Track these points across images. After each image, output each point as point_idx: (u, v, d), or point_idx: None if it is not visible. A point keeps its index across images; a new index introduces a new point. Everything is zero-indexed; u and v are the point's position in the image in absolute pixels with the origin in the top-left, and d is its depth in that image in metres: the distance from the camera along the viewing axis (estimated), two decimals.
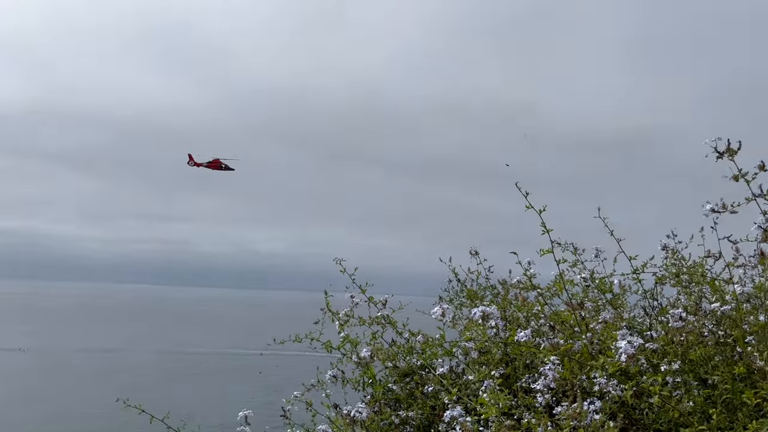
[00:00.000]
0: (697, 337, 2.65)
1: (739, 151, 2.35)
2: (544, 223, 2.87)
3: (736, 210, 2.32)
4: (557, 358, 2.50)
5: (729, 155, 2.34)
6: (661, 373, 2.40)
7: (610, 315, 3.26)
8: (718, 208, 2.36)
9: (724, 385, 2.32)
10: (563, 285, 2.94)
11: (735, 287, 2.80)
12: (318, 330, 3.77)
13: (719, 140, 2.36)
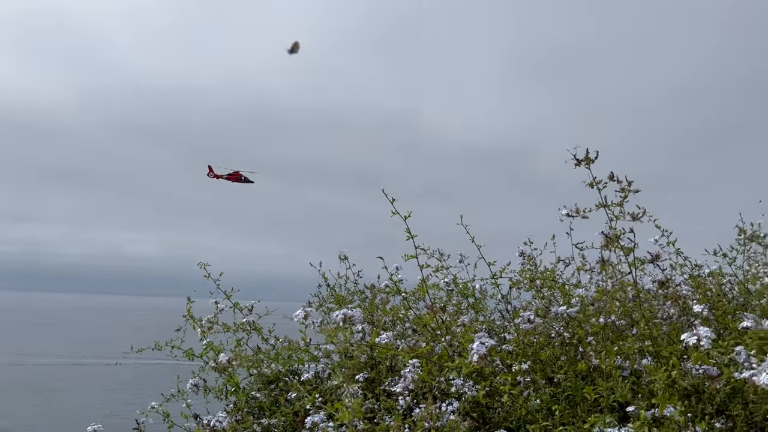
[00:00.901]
0: (546, 339, 2.82)
1: (595, 160, 2.54)
2: (408, 229, 2.94)
3: (587, 215, 2.50)
4: (418, 360, 2.56)
5: (586, 163, 2.52)
6: (512, 373, 2.53)
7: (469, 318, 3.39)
8: (572, 213, 2.53)
9: (566, 382, 2.48)
10: (426, 289, 3.02)
11: (581, 291, 3.02)
12: (179, 337, 3.61)
13: (578, 149, 2.54)
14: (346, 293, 3.73)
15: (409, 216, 2.96)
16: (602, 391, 2.31)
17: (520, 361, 2.63)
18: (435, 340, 2.93)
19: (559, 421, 2.42)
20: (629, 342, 2.35)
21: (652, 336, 2.31)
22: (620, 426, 2.24)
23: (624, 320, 2.64)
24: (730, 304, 3.37)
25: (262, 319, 3.59)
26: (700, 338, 1.91)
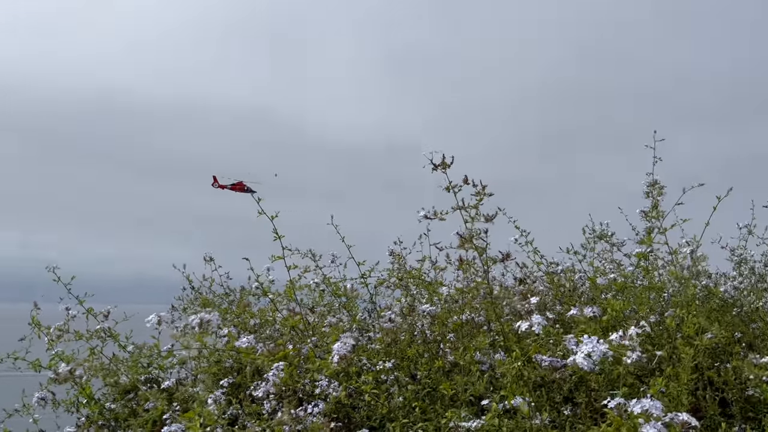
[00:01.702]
0: (410, 336, 2.89)
1: (451, 165, 2.63)
2: (275, 230, 2.89)
3: (444, 218, 2.58)
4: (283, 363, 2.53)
5: (443, 168, 2.60)
6: (374, 372, 2.56)
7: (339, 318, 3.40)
8: (429, 215, 2.61)
9: (426, 379, 2.55)
10: (293, 291, 2.99)
11: (444, 289, 3.13)
12: (24, 348, 3.31)
13: (436, 153, 2.61)
14: (213, 296, 3.62)
15: (276, 216, 2.92)
16: (458, 387, 2.40)
17: (383, 359, 2.67)
18: (302, 341, 2.91)
19: (420, 417, 2.48)
20: (480, 338, 2.45)
21: (503, 331, 2.44)
22: (475, 419, 2.34)
23: (482, 317, 2.76)
24: (581, 298, 3.63)
25: (120, 324, 3.39)
26: (532, 325, 2.03)
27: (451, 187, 2.46)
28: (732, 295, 3.54)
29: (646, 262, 3.43)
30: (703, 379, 2.91)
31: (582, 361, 1.98)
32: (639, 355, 2.07)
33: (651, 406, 1.83)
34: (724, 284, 3.64)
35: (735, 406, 2.83)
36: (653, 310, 3.34)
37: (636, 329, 2.03)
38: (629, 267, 3.79)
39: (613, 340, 2.06)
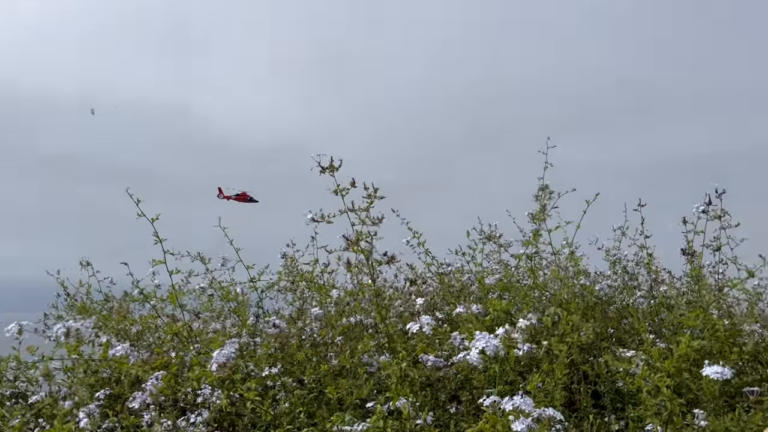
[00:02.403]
0: (299, 340, 2.85)
1: (339, 168, 2.61)
2: (156, 233, 2.77)
3: (332, 221, 2.57)
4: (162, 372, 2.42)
5: (330, 171, 2.58)
6: (260, 378, 2.51)
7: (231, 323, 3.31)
8: (317, 217, 2.58)
9: (311, 384, 2.52)
10: (176, 296, 2.87)
11: (334, 292, 3.11)
12: None
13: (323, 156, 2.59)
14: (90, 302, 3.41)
15: (156, 218, 2.79)
16: (343, 390, 2.40)
17: (269, 365, 2.62)
18: (185, 349, 2.80)
19: (305, 422, 2.46)
20: (365, 340, 2.46)
21: (388, 333, 2.46)
22: (360, 422, 2.34)
23: (372, 319, 2.77)
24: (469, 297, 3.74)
25: None
26: (422, 326, 2.06)
27: (339, 190, 2.45)
28: (606, 293, 3.77)
29: (531, 262, 3.59)
30: (578, 373, 3.07)
31: (475, 356, 2.03)
32: (529, 346, 2.15)
33: (521, 403, 1.91)
34: (600, 283, 3.86)
35: (606, 398, 3.01)
36: (536, 308, 3.50)
37: (525, 321, 2.11)
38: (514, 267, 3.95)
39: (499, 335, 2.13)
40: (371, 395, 2.38)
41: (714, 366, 2.13)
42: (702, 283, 3.08)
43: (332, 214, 2.50)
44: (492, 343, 1.93)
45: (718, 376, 2.10)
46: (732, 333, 3.27)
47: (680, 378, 2.39)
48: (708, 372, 2.13)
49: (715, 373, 2.11)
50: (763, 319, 3.72)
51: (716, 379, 2.11)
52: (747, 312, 3.63)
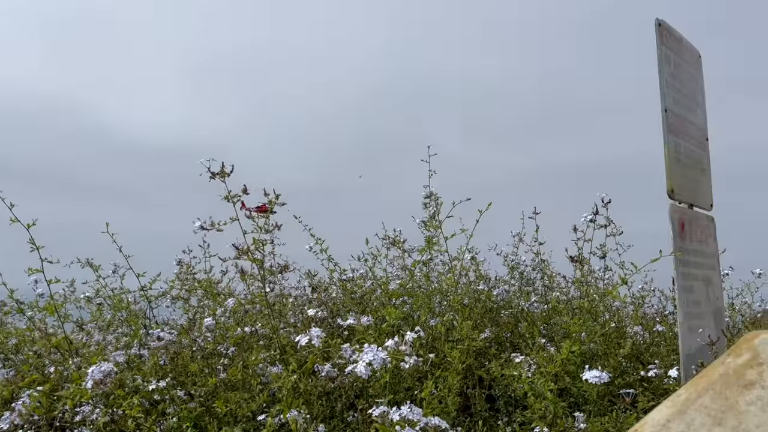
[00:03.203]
0: (191, 352, 2.74)
1: (231, 173, 2.53)
2: (32, 239, 2.58)
3: (222, 228, 2.48)
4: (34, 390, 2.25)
5: (221, 177, 2.50)
6: (145, 392, 2.39)
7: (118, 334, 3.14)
8: (206, 225, 2.49)
9: (199, 397, 2.43)
10: (54, 307, 2.69)
11: (230, 301, 3.02)
12: None
13: (213, 161, 2.50)
14: None
15: (33, 224, 2.61)
16: (232, 403, 2.32)
17: (157, 378, 2.50)
18: (65, 363, 2.63)
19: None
20: (254, 352, 2.40)
21: (280, 345, 2.41)
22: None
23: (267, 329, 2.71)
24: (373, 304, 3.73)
25: None
26: (312, 338, 2.03)
27: (230, 196, 2.37)
28: (503, 298, 3.88)
29: (426, 268, 3.64)
30: (473, 378, 3.14)
31: (362, 369, 2.02)
32: (416, 359, 2.16)
33: (409, 413, 1.92)
34: (497, 288, 3.97)
35: (500, 401, 3.09)
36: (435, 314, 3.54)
37: (412, 334, 2.11)
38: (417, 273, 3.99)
39: (389, 346, 2.13)
40: (261, 408, 2.32)
41: (593, 371, 2.23)
42: (584, 289, 3.22)
43: (222, 221, 2.42)
44: (379, 356, 1.92)
45: (596, 380, 2.20)
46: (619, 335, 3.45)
47: (563, 382, 2.48)
48: (587, 376, 2.23)
49: (594, 377, 2.21)
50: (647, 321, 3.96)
51: (594, 383, 2.21)
52: (632, 315, 3.84)
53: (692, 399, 0.91)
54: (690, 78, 2.59)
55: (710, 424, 0.87)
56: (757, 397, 0.87)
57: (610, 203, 3.17)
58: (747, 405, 0.86)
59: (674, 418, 0.91)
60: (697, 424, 0.88)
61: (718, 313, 2.52)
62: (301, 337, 2.03)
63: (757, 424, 0.84)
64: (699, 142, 2.59)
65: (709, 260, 2.51)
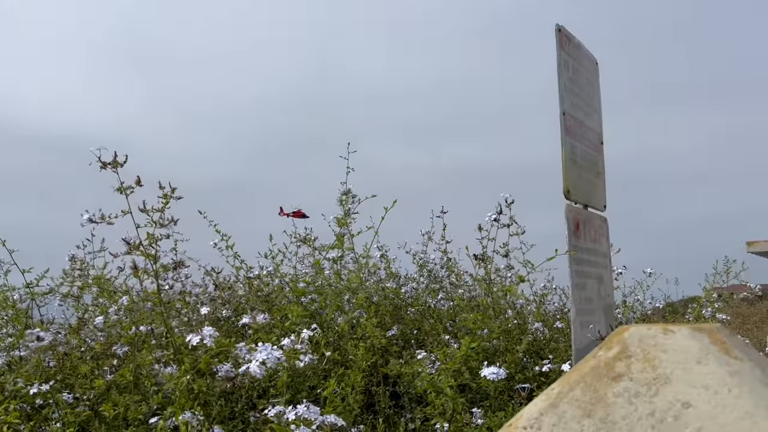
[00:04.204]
0: (79, 353, 2.58)
1: (124, 163, 2.39)
2: None
3: (113, 222, 2.35)
4: None
5: (113, 167, 2.36)
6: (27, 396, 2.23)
7: None
8: (95, 218, 2.35)
9: (86, 401, 2.29)
10: None
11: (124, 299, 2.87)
12: None
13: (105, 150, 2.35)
14: None
15: None
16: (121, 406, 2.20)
17: (39, 381, 2.34)
18: None
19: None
20: (143, 352, 2.29)
21: (174, 344, 2.31)
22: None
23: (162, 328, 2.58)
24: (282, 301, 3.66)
25: None
26: (204, 338, 1.95)
27: (123, 188, 2.24)
28: (411, 295, 3.91)
29: (336, 265, 3.61)
30: (378, 375, 3.13)
31: (256, 368, 1.96)
32: (311, 358, 2.12)
33: (305, 412, 1.88)
34: (406, 285, 4.00)
35: (405, 398, 3.10)
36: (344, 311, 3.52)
37: (308, 332, 2.07)
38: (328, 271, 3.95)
39: (285, 344, 2.08)
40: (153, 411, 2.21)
41: (491, 367, 2.28)
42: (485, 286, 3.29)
43: (113, 214, 2.29)
44: (273, 355, 1.87)
45: (494, 376, 2.25)
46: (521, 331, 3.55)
47: (462, 378, 2.52)
48: (485, 373, 2.27)
49: (492, 373, 2.25)
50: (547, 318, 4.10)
51: (492, 379, 2.25)
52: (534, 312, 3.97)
53: (564, 392, 0.93)
54: (587, 83, 2.69)
55: (580, 416, 0.89)
56: (624, 389, 0.89)
57: (513, 203, 3.26)
58: (615, 397, 0.89)
59: (547, 412, 0.92)
60: (568, 417, 0.90)
61: (609, 309, 2.63)
62: (192, 337, 1.94)
63: (623, 416, 0.86)
64: (595, 146, 2.70)
65: (601, 259, 2.61)
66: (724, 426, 0.80)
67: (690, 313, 3.72)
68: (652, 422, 0.84)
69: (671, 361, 0.90)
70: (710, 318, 3.67)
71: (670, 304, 4.76)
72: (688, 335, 0.92)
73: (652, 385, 0.88)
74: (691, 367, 0.88)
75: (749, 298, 5.71)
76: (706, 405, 0.83)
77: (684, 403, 0.84)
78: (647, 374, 0.89)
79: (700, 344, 0.91)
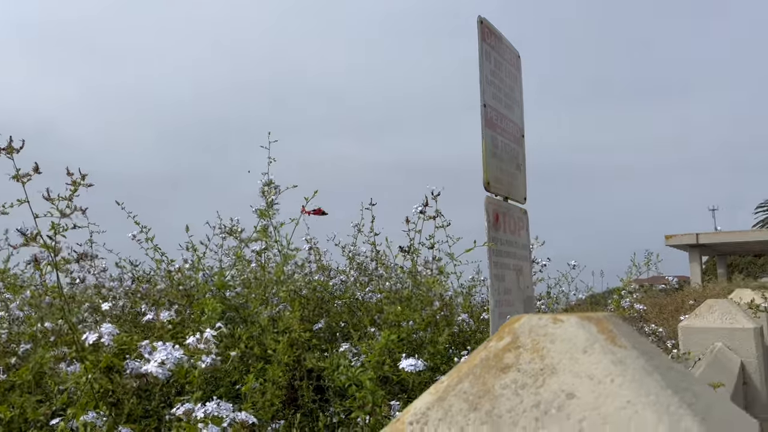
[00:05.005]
0: None
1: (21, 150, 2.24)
2: None
3: (7, 212, 2.19)
4: None
5: (8, 152, 2.20)
6: None
7: None
8: None
9: None
10: None
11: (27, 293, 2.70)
12: None
13: None
14: None
15: None
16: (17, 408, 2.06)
17: None
18: None
19: None
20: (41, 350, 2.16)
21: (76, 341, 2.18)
22: None
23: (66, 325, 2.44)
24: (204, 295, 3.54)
25: None
26: (101, 336, 1.84)
27: (19, 176, 2.10)
28: (340, 288, 3.86)
29: (262, 258, 3.52)
30: (302, 369, 3.08)
31: (155, 369, 1.87)
32: (213, 358, 2.04)
33: (215, 409, 1.81)
34: (335, 278, 3.95)
35: (330, 392, 3.06)
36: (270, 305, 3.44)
37: (211, 332, 1.99)
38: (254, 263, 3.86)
39: (189, 343, 2.00)
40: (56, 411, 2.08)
41: (410, 359, 2.26)
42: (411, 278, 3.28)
43: (8, 203, 2.13)
44: (174, 355, 1.79)
45: (412, 368, 2.23)
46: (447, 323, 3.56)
47: (381, 371, 2.50)
48: (404, 365, 2.25)
49: (410, 365, 2.23)
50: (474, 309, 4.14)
51: (410, 371, 2.23)
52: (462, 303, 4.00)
53: (453, 385, 0.91)
54: (509, 76, 2.71)
55: (467, 409, 0.87)
56: (512, 381, 0.87)
57: (439, 195, 3.25)
58: (502, 389, 0.87)
59: (434, 405, 0.89)
60: (454, 411, 0.87)
61: (529, 300, 2.66)
62: (88, 335, 1.83)
63: (508, 408, 0.84)
64: (516, 138, 2.72)
65: (521, 251, 2.64)
66: (606, 416, 0.79)
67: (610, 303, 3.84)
68: (536, 414, 0.82)
69: (558, 350, 0.88)
70: (628, 308, 3.79)
71: (594, 295, 4.90)
72: (576, 324, 0.91)
73: (539, 376, 0.86)
74: (577, 357, 0.87)
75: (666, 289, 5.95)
76: (590, 395, 0.82)
77: (568, 393, 0.83)
78: (535, 365, 0.88)
79: (587, 333, 0.90)
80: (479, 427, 0.84)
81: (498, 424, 0.83)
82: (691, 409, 0.79)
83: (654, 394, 0.80)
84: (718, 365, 3.32)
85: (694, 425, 0.76)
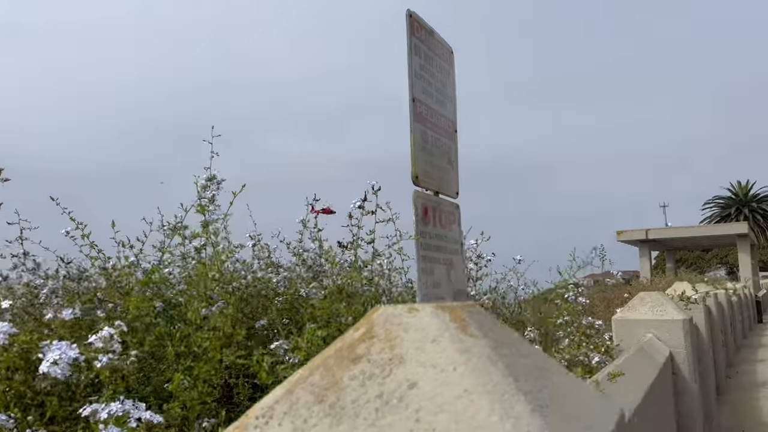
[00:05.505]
0: None
1: None
2: None
3: None
4: None
5: None
6: None
7: None
8: None
9: None
10: None
11: None
12: None
13: None
14: None
15: None
16: None
17: None
18: None
19: None
20: None
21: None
22: None
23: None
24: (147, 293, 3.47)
25: None
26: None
27: None
28: (284, 285, 3.82)
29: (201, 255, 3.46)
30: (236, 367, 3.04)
31: (49, 368, 1.81)
32: (110, 357, 1.98)
33: (120, 408, 1.77)
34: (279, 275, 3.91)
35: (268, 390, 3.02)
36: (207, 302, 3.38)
37: (110, 330, 1.94)
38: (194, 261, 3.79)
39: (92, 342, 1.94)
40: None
41: None
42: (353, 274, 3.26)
43: None
44: (68, 354, 1.74)
45: None
46: None
47: None
48: None
49: None
50: None
51: None
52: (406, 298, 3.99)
53: (304, 377, 0.88)
54: (441, 71, 2.70)
55: (312, 402, 0.85)
56: (360, 372, 0.85)
57: (380, 190, 3.24)
58: (349, 380, 0.85)
59: (282, 399, 0.87)
60: (300, 404, 0.85)
61: (460, 294, 2.66)
62: None
63: (353, 399, 0.83)
64: (448, 133, 2.71)
65: (451, 245, 2.64)
66: (442, 405, 0.78)
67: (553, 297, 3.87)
68: (377, 405, 0.80)
69: (409, 340, 0.87)
70: (572, 302, 3.83)
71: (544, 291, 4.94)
72: (431, 314, 0.89)
73: (387, 366, 0.84)
74: (425, 346, 0.85)
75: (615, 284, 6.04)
76: (431, 384, 0.80)
77: (411, 383, 0.81)
78: (385, 355, 0.86)
79: (439, 322, 0.88)
80: (322, 420, 0.82)
81: (340, 415, 0.81)
82: (528, 397, 0.78)
83: (493, 383, 0.79)
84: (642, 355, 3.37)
85: (526, 411, 0.75)
